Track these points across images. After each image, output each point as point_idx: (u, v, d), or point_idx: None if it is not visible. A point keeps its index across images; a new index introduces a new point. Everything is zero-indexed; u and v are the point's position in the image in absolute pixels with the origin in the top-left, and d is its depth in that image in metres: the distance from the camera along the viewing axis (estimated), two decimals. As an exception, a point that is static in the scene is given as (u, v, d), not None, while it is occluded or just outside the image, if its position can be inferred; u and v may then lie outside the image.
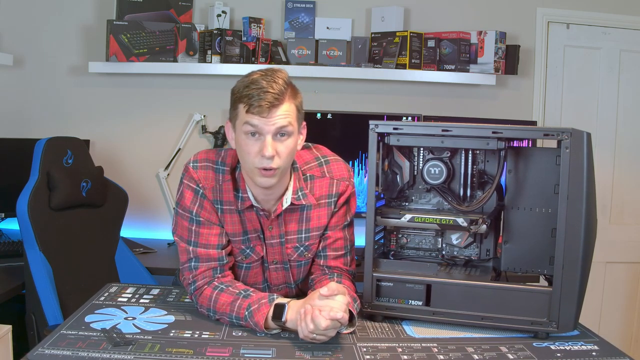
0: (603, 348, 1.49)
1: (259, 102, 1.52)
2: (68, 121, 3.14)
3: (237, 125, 1.58)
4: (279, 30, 3.16)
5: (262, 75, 1.55)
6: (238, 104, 1.56)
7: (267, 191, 1.64)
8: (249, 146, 1.55)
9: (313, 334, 1.43)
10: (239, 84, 1.58)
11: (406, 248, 1.77)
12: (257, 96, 1.52)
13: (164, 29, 2.96)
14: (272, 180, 1.58)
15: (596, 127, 3.31)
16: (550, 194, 1.58)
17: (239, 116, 1.56)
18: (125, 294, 1.77)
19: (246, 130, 1.55)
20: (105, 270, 2.55)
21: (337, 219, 1.74)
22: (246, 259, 1.72)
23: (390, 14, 3.07)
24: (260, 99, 1.52)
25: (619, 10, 3.27)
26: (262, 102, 1.52)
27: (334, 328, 1.44)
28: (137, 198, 3.07)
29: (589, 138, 1.49)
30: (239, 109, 1.56)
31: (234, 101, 1.58)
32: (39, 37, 3.13)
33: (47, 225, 2.26)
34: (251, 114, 1.53)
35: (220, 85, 3.12)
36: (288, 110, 1.56)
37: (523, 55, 3.16)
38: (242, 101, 1.54)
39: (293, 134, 1.58)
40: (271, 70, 1.58)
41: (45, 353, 1.34)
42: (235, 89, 1.59)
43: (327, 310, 1.42)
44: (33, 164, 2.30)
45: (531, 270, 1.65)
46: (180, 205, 1.67)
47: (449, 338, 1.53)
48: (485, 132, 1.56)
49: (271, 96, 1.52)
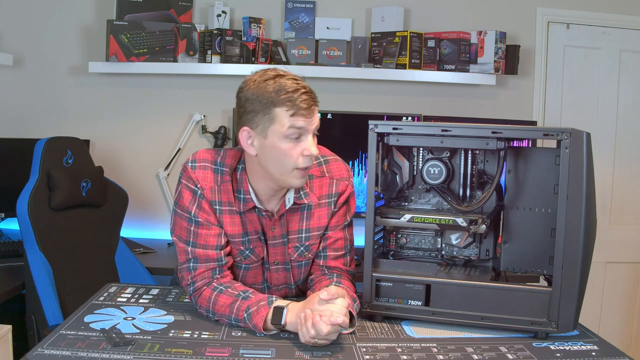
0: (603, 348, 1.49)
1: (307, 104, 1.52)
2: (68, 121, 3.14)
3: (272, 131, 1.53)
4: (279, 30, 3.16)
5: (287, 77, 1.55)
6: (274, 109, 1.52)
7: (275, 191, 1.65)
8: (291, 149, 1.55)
9: (314, 339, 1.43)
10: (267, 89, 1.53)
11: (406, 248, 1.77)
12: (301, 99, 1.52)
13: (164, 29, 2.96)
14: (306, 178, 1.61)
15: (596, 127, 3.31)
16: (550, 194, 1.58)
17: (277, 120, 1.52)
18: (125, 294, 1.77)
19: (290, 133, 1.53)
20: (105, 270, 2.55)
21: (337, 219, 1.75)
22: (245, 260, 1.72)
23: (390, 14, 3.07)
24: (305, 100, 1.52)
25: (619, 10, 3.27)
26: (306, 103, 1.52)
27: (335, 332, 1.44)
28: (137, 198, 3.08)
29: (588, 138, 1.49)
30: (274, 113, 1.52)
31: (265, 107, 1.53)
32: (39, 37, 3.13)
33: (47, 225, 2.26)
34: (297, 116, 1.52)
35: (220, 85, 3.13)
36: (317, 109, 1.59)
37: (523, 55, 3.16)
38: (283, 105, 1.51)
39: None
40: (285, 71, 1.58)
41: (44, 353, 1.34)
42: (262, 94, 1.53)
43: (328, 315, 1.41)
44: (33, 164, 2.30)
45: (531, 270, 1.65)
46: (179, 205, 1.67)
47: (448, 338, 1.53)
48: (484, 132, 1.56)
49: (309, 96, 1.54)
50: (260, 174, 1.62)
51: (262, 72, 1.58)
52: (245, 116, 1.57)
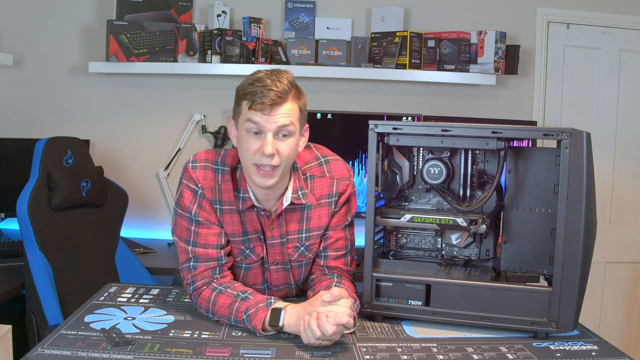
0: (603, 348, 1.49)
1: (261, 99, 1.53)
2: (68, 121, 3.14)
3: (239, 122, 1.59)
4: (279, 30, 3.16)
5: (267, 74, 1.57)
6: (241, 101, 1.57)
7: (267, 190, 1.64)
8: (249, 143, 1.56)
9: (319, 340, 1.43)
10: (244, 82, 1.59)
11: (406, 248, 1.77)
12: (260, 93, 1.53)
13: (164, 29, 2.96)
14: (271, 180, 1.58)
15: (596, 127, 3.31)
16: (550, 194, 1.58)
17: (242, 113, 1.57)
18: (125, 294, 1.77)
19: (248, 127, 1.55)
20: (105, 270, 2.55)
21: (337, 218, 1.75)
22: (245, 260, 1.72)
23: (390, 14, 3.07)
24: (263, 95, 1.53)
25: (619, 10, 3.27)
26: (264, 99, 1.52)
27: (339, 333, 1.44)
28: (137, 198, 3.08)
29: (588, 138, 1.49)
30: (242, 106, 1.57)
31: (238, 98, 1.59)
32: (39, 37, 3.13)
33: (47, 225, 2.26)
34: (253, 110, 1.54)
35: (220, 85, 3.13)
36: (290, 109, 1.56)
37: (523, 55, 3.16)
38: (245, 98, 1.55)
39: (294, 134, 1.58)
40: (277, 70, 1.59)
41: (44, 353, 1.34)
42: (239, 87, 1.60)
43: (333, 316, 1.41)
44: (33, 164, 2.30)
45: (531, 270, 1.65)
46: (180, 205, 1.67)
47: (448, 338, 1.53)
48: (484, 132, 1.56)
49: (274, 94, 1.53)
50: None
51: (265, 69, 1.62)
52: (233, 107, 1.63)
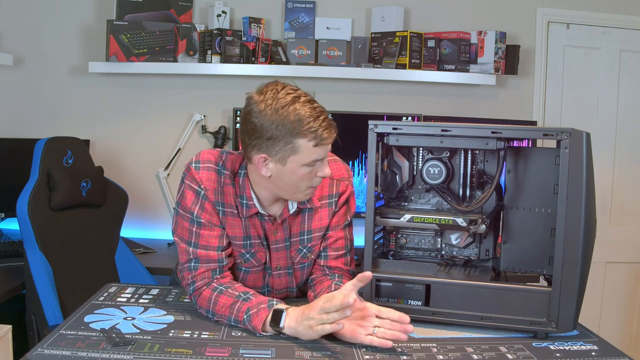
0: (602, 348, 1.49)
1: (329, 133, 1.52)
2: (68, 121, 3.14)
3: (293, 160, 1.53)
4: (279, 30, 3.16)
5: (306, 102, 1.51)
6: (296, 139, 1.50)
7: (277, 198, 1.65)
8: (309, 173, 1.57)
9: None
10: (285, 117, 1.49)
11: (405, 248, 1.77)
12: (322, 127, 1.51)
13: (164, 29, 2.96)
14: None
15: (596, 127, 3.31)
16: (550, 194, 1.58)
17: (301, 152, 1.52)
18: (125, 294, 1.77)
19: (311, 161, 1.54)
20: (105, 270, 2.55)
21: (337, 218, 1.75)
22: (245, 263, 1.72)
23: (390, 14, 3.07)
24: (326, 129, 1.51)
25: (619, 10, 3.27)
26: (331, 131, 1.53)
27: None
28: (137, 198, 3.08)
29: (588, 138, 1.48)
30: (297, 144, 1.51)
31: (287, 136, 1.50)
32: (39, 37, 3.13)
33: (47, 225, 2.26)
34: (321, 146, 1.52)
35: (220, 85, 3.13)
36: None
37: (523, 55, 3.16)
38: (305, 136, 1.50)
39: None
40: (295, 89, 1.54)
41: (44, 353, 1.34)
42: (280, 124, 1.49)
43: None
44: (33, 164, 2.30)
45: (530, 270, 1.64)
46: (181, 205, 1.66)
47: (448, 338, 1.53)
48: (484, 132, 1.55)
49: (329, 121, 1.53)
50: (265, 185, 1.63)
51: (272, 92, 1.52)
52: (263, 142, 1.53)
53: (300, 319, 1.46)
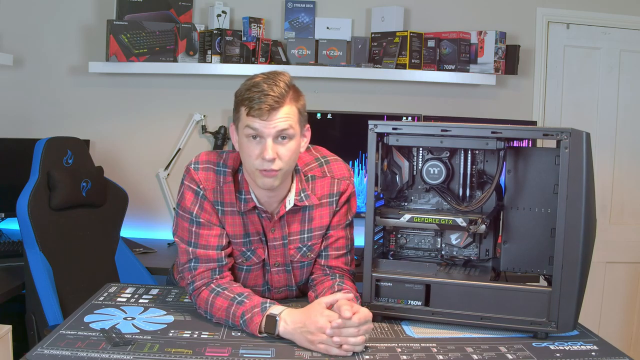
0: (602, 348, 1.49)
1: (259, 105, 1.53)
2: (68, 121, 3.14)
3: (239, 128, 1.60)
4: (279, 30, 3.16)
5: (263, 79, 1.56)
6: (240, 107, 1.57)
7: (270, 193, 1.64)
8: (251, 149, 1.57)
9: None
10: (242, 87, 1.59)
11: (405, 248, 1.77)
12: (257, 99, 1.53)
13: (164, 29, 2.96)
14: (274, 181, 1.58)
15: (596, 127, 3.31)
16: (550, 194, 1.58)
17: (241, 119, 1.57)
18: (125, 294, 1.78)
19: (247, 133, 1.56)
20: (105, 270, 2.55)
21: (338, 218, 1.75)
22: (246, 262, 1.72)
23: (390, 14, 3.07)
24: (261, 102, 1.53)
25: (619, 10, 3.27)
26: (262, 104, 1.53)
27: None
28: (137, 198, 3.08)
29: (588, 138, 1.49)
30: (240, 112, 1.57)
31: (237, 104, 1.59)
32: (39, 37, 3.13)
33: (47, 225, 2.26)
34: (252, 116, 1.54)
35: (220, 85, 3.13)
36: (289, 113, 1.56)
37: (523, 55, 3.16)
38: (243, 104, 1.56)
39: (295, 136, 1.58)
40: (273, 73, 1.58)
41: (44, 353, 1.34)
42: (237, 92, 1.60)
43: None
44: (33, 164, 2.30)
45: (530, 270, 1.65)
46: (181, 206, 1.67)
47: (448, 338, 1.53)
48: (484, 132, 1.56)
49: (271, 99, 1.53)
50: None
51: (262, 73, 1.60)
52: (233, 113, 1.63)
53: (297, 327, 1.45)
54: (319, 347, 1.42)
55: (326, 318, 1.43)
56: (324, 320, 1.43)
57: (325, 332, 1.42)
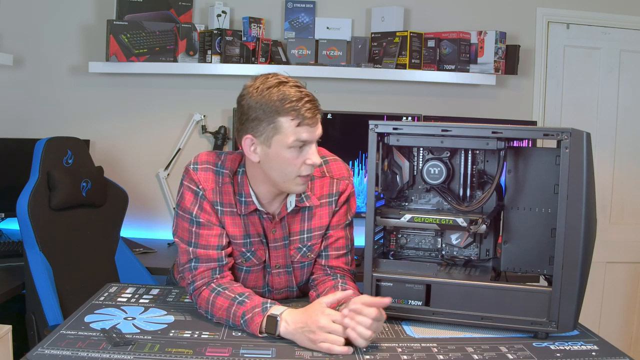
0: (603, 348, 1.49)
1: (311, 113, 1.51)
2: (68, 121, 3.14)
3: (277, 140, 1.53)
4: (279, 30, 3.16)
5: (292, 85, 1.53)
6: (278, 118, 1.51)
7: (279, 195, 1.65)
8: (295, 158, 1.55)
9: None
10: (269, 97, 1.51)
11: (406, 248, 1.77)
12: (306, 109, 1.50)
13: (164, 29, 2.96)
14: (307, 184, 1.62)
15: (596, 127, 3.31)
16: (550, 194, 1.58)
17: (284, 132, 1.52)
18: (125, 294, 1.77)
19: (295, 145, 1.53)
20: (105, 270, 2.55)
21: (338, 217, 1.75)
22: (246, 262, 1.72)
23: (390, 14, 3.07)
24: (309, 109, 1.51)
25: (619, 10, 3.27)
26: (313, 111, 1.52)
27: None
28: (137, 198, 3.08)
29: (588, 138, 1.49)
30: (279, 123, 1.51)
31: (270, 115, 1.51)
32: (39, 37, 3.13)
33: (47, 225, 2.26)
34: (303, 126, 1.51)
35: (220, 85, 3.13)
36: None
37: (523, 55, 3.16)
38: (286, 115, 1.50)
39: None
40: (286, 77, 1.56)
41: (44, 353, 1.34)
42: (264, 103, 1.51)
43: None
44: (33, 164, 2.30)
45: (531, 270, 1.65)
46: (181, 207, 1.67)
47: (448, 338, 1.53)
48: (484, 132, 1.56)
49: (314, 104, 1.52)
50: (261, 178, 1.63)
51: (263, 78, 1.56)
52: (249, 124, 1.55)
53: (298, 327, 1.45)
54: (320, 346, 1.42)
55: (327, 317, 1.43)
56: (326, 319, 1.43)
57: (328, 330, 1.42)
